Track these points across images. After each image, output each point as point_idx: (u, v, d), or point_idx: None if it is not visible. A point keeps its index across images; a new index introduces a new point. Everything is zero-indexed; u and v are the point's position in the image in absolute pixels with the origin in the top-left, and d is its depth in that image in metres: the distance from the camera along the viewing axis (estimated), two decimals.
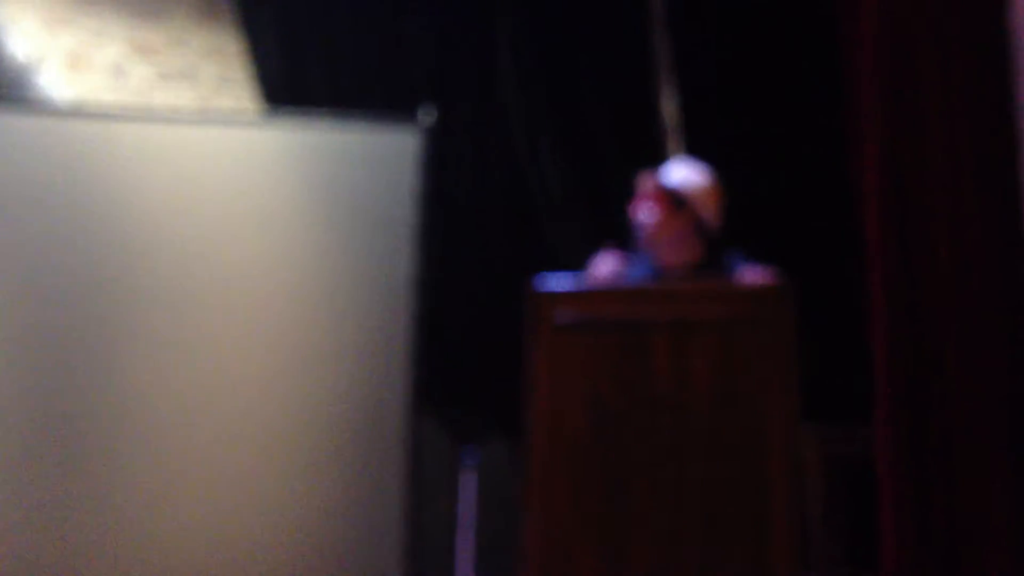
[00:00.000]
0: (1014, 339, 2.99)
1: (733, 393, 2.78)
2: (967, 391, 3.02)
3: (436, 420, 5.03)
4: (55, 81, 5.70)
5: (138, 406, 4.30)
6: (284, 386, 4.39)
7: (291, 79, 5.32)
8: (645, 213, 3.37)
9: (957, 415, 3.03)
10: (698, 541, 2.74)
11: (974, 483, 3.01)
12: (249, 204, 4.53)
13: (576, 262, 4.70)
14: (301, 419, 4.37)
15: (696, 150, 4.42)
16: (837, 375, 3.75)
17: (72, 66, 5.86)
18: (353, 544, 4.29)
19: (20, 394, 4.25)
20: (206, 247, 4.45)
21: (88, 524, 4.17)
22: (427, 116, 4.66)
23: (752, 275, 2.88)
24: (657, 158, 4.68)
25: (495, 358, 4.73)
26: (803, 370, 2.83)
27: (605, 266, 3.40)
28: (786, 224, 4.10)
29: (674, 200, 3.36)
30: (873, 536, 3.18)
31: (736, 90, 4.42)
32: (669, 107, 4.86)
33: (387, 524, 4.29)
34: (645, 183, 3.47)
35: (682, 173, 3.45)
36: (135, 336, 4.36)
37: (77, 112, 4.85)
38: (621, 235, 3.47)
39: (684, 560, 2.75)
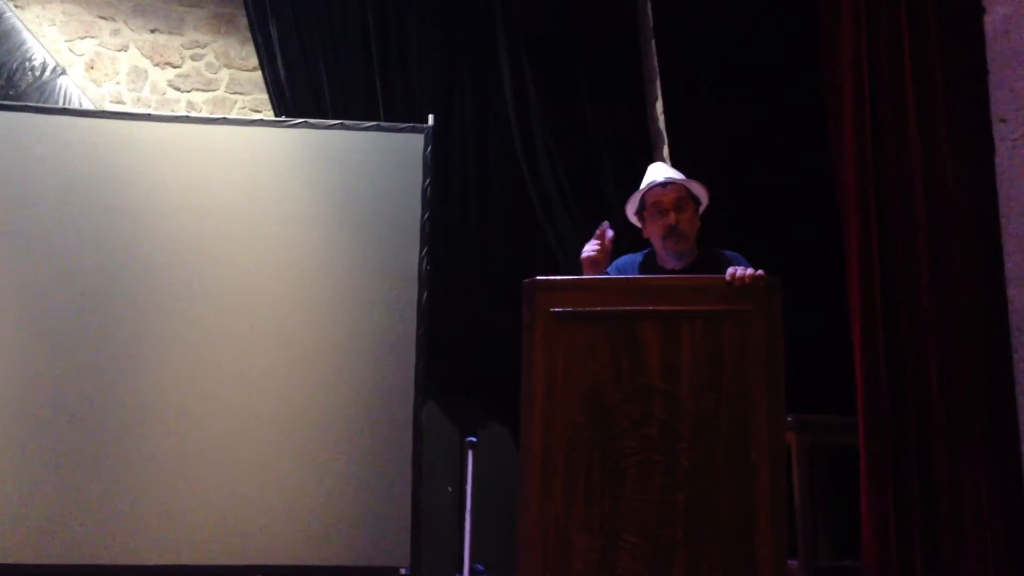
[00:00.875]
0: (990, 335, 3.04)
1: (721, 384, 2.84)
2: (945, 385, 3.07)
3: (440, 407, 5.10)
4: (78, 85, 5.76)
5: (161, 396, 4.41)
6: (299, 375, 4.49)
7: (303, 85, 5.39)
8: (681, 219, 3.33)
9: (935, 408, 3.08)
10: (687, 527, 2.81)
11: (952, 474, 3.05)
12: (265, 203, 4.62)
13: (572, 259, 4.80)
14: (315, 406, 4.47)
15: (687, 153, 4.48)
16: (824, 366, 3.80)
17: (93, 71, 5.94)
18: (363, 523, 4.38)
19: (51, 384, 4.37)
20: (225, 244, 4.55)
21: (115, 505, 4.29)
22: (432, 121, 4.75)
23: (742, 271, 2.93)
24: (648, 161, 4.77)
25: (495, 349, 4.82)
26: (790, 361, 2.91)
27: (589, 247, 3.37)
28: (775, 222, 4.16)
29: (697, 203, 3.40)
30: (857, 525, 3.22)
31: (725, 95, 4.48)
32: (660, 112, 4.92)
33: (396, 504, 4.37)
34: (669, 187, 3.39)
35: (680, 175, 3.46)
36: (158, 329, 4.46)
37: (98, 115, 4.95)
38: (615, 235, 3.47)
39: (673, 546, 2.81)
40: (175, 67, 6.04)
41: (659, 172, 3.53)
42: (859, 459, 3.21)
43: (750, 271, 2.91)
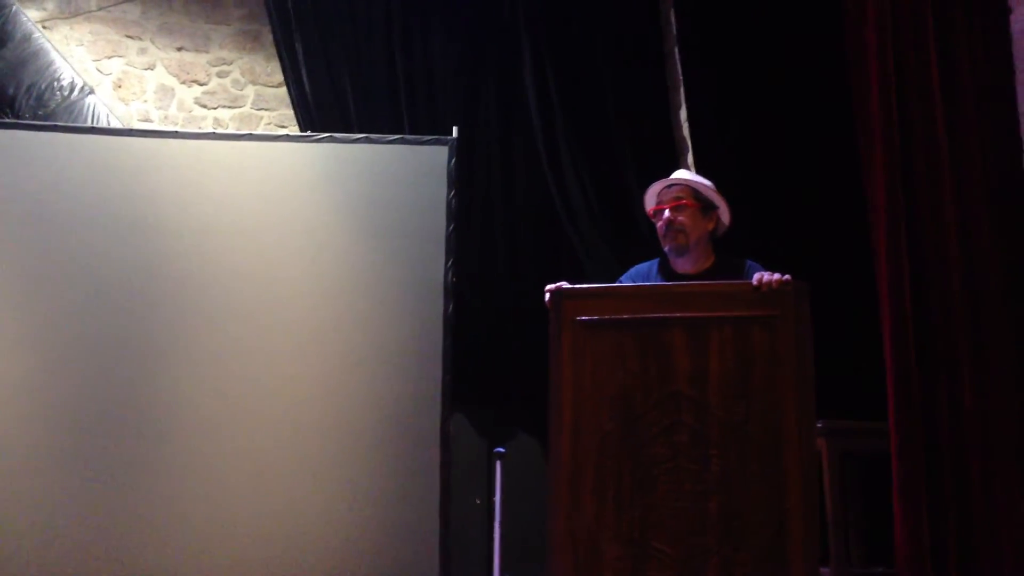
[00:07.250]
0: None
1: (751, 390, 2.82)
2: (979, 391, 3.03)
3: (468, 418, 5.10)
4: (105, 104, 5.82)
5: (189, 411, 4.40)
6: (326, 388, 4.47)
7: (328, 100, 5.42)
8: (677, 216, 3.33)
9: (969, 414, 3.04)
10: (717, 535, 2.79)
11: (987, 480, 3.01)
12: (291, 218, 4.63)
13: (599, 267, 4.79)
14: (342, 419, 4.45)
15: (712, 160, 4.46)
16: (854, 371, 3.76)
17: (121, 90, 6.01)
18: (392, 535, 4.35)
19: (80, 402, 4.36)
20: (252, 259, 4.55)
21: (143, 521, 4.28)
22: (457, 133, 4.75)
23: (769, 276, 2.91)
24: (673, 169, 4.75)
25: (522, 358, 4.81)
26: (820, 367, 2.88)
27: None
28: (802, 228, 4.13)
29: (704, 204, 3.38)
30: (890, 531, 3.19)
31: (749, 103, 4.46)
32: (684, 119, 4.90)
33: (424, 515, 4.34)
34: (673, 187, 3.42)
35: (699, 179, 3.46)
36: (185, 344, 4.46)
37: (126, 133, 4.99)
38: (641, 242, 3.47)
39: (705, 554, 2.79)
40: (201, 84, 6.09)
41: (674, 176, 3.54)
42: (891, 464, 3.17)
43: (777, 276, 2.89)
